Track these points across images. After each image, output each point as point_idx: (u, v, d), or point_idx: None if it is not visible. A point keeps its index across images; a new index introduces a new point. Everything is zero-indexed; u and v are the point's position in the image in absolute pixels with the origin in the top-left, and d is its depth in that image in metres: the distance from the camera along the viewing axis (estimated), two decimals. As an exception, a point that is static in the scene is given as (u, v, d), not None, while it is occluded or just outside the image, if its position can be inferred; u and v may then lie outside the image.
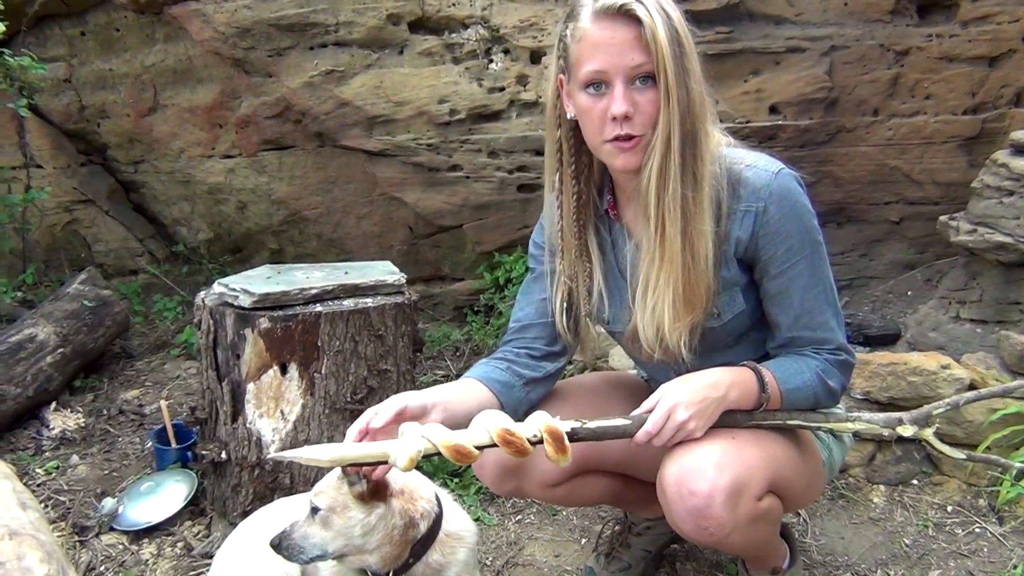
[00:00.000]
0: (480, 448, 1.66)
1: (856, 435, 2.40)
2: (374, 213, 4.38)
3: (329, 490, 1.82)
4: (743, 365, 1.83)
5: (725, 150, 1.79)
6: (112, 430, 3.52)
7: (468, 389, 1.92)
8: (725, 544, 1.80)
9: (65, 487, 3.09)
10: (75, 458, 3.29)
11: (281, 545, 1.86)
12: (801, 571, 2.21)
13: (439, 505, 1.99)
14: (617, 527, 2.42)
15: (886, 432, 1.88)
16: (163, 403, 3.13)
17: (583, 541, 2.64)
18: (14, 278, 4.42)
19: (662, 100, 1.64)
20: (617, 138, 1.70)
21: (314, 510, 1.82)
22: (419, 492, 1.94)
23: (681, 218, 1.70)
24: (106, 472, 3.22)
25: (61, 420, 3.52)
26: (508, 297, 4.17)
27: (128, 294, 4.62)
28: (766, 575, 2.11)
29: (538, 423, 1.69)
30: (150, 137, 4.55)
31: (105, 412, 3.64)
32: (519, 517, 2.79)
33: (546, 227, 2.02)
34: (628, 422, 1.76)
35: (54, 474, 3.18)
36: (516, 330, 2.06)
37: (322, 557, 1.86)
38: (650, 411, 1.74)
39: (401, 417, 1.70)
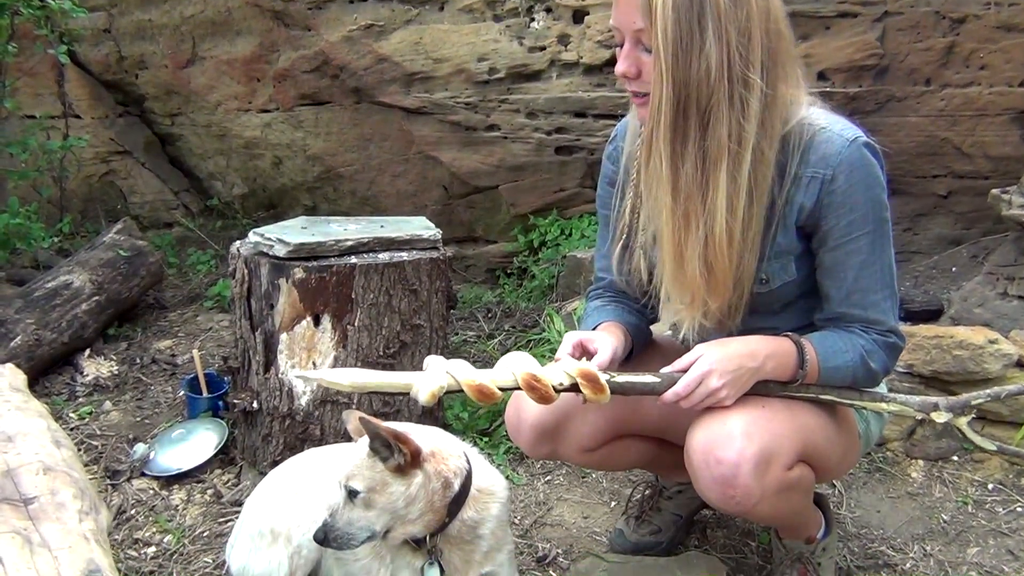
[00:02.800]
0: (504, 390, 1.63)
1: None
2: (409, 172, 4.35)
3: (363, 471, 1.76)
4: (785, 336, 1.77)
5: (803, 110, 1.72)
6: (144, 378, 3.54)
7: (616, 330, 1.90)
8: (752, 514, 1.75)
9: (98, 432, 3.11)
10: (108, 404, 3.31)
11: (328, 538, 1.79)
12: (836, 542, 2.17)
13: (468, 462, 1.96)
14: (648, 491, 2.39)
15: (919, 416, 1.83)
16: (196, 352, 3.14)
17: (612, 504, 2.61)
18: (51, 227, 4.45)
19: (654, 71, 1.58)
20: (633, 92, 1.69)
21: (352, 493, 1.76)
22: (448, 451, 1.91)
23: (670, 193, 1.65)
24: (138, 419, 3.24)
25: (95, 367, 3.55)
26: (542, 260, 4.14)
27: (162, 246, 4.64)
28: (800, 544, 2.06)
29: (569, 367, 1.65)
30: (187, 89, 4.54)
31: (138, 361, 3.66)
32: (548, 478, 2.77)
33: (627, 142, 1.93)
34: (658, 380, 1.72)
35: (87, 419, 3.21)
36: (604, 285, 2.05)
37: (372, 538, 1.80)
38: (683, 371, 1.70)
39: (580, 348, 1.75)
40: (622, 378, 1.70)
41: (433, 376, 1.58)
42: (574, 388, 1.68)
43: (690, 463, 1.74)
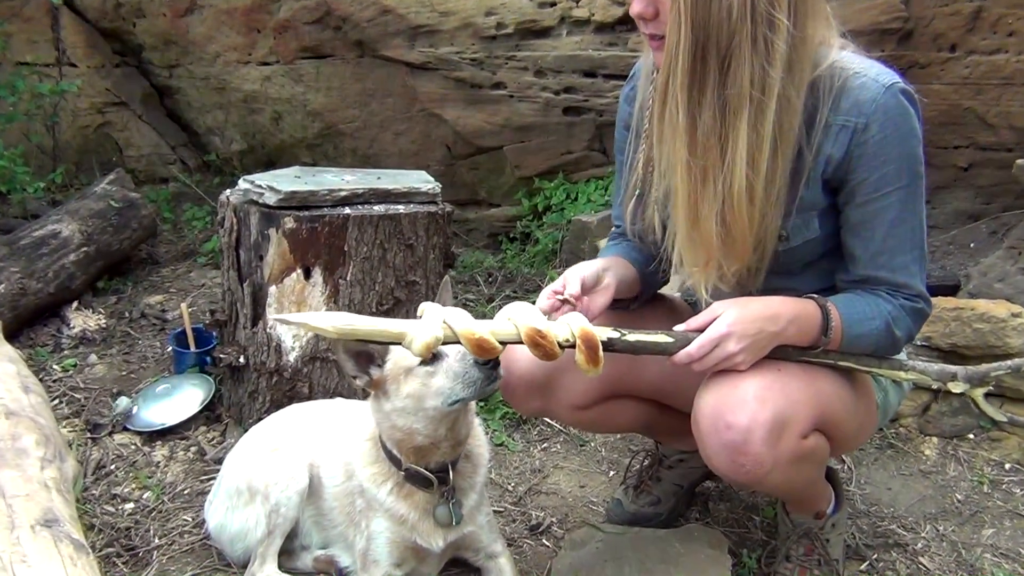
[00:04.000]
0: (504, 343, 1.51)
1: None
2: (412, 130, 4.22)
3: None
4: (809, 298, 1.64)
5: (834, 53, 1.58)
6: (133, 333, 3.44)
7: (622, 262, 1.85)
8: (763, 484, 1.65)
9: (81, 385, 3.01)
10: (93, 357, 3.21)
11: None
12: (846, 519, 2.06)
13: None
14: (647, 460, 2.28)
15: (935, 385, 1.73)
16: (184, 306, 3.03)
17: (611, 473, 2.51)
18: (44, 177, 4.33)
19: (671, 11, 1.47)
20: (649, 35, 1.57)
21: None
22: None
23: (686, 145, 1.53)
24: (123, 373, 3.14)
25: (82, 320, 3.45)
26: (546, 225, 4.02)
27: (157, 201, 4.51)
28: (808, 519, 1.95)
29: (573, 325, 1.53)
30: (186, 39, 4.40)
31: (127, 315, 3.56)
32: (545, 444, 2.66)
33: (642, 86, 1.81)
34: (670, 340, 1.60)
35: (71, 371, 3.11)
36: (621, 232, 1.95)
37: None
38: (699, 330, 1.58)
39: (583, 287, 1.67)
40: (633, 336, 1.58)
41: (428, 326, 1.47)
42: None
43: (697, 427, 1.62)
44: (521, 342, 1.51)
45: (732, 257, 1.61)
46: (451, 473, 1.82)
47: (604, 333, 1.56)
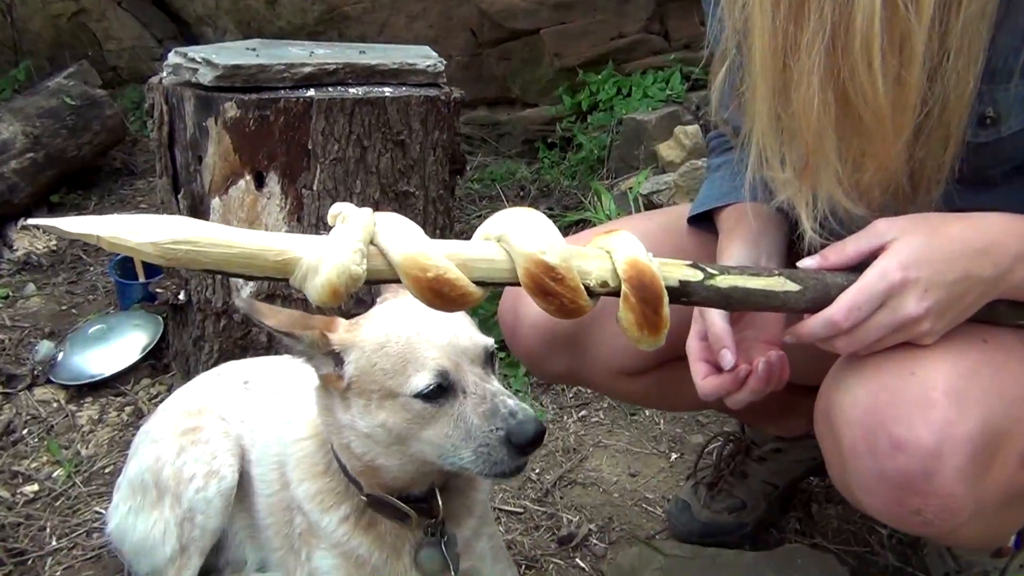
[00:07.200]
0: (485, 285, 0.85)
1: None
2: (429, 12, 3.70)
3: None
4: None
5: None
6: (85, 258, 2.90)
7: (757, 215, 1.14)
8: (948, 537, 1.14)
9: (7, 322, 2.45)
10: (31, 287, 2.69)
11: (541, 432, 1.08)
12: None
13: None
14: (729, 445, 1.62)
15: None
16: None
17: (672, 456, 1.85)
18: (4, 74, 3.76)
19: None
20: None
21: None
22: None
23: None
24: (64, 307, 2.59)
25: (28, 241, 2.94)
26: (591, 127, 3.45)
27: (139, 102, 3.96)
28: (984, 557, 1.29)
29: (617, 253, 0.87)
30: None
31: (82, 235, 2.97)
32: (583, 412, 2.02)
33: None
34: (796, 287, 0.92)
35: (0, 305, 2.54)
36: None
37: None
38: (846, 269, 0.92)
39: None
40: (727, 278, 0.91)
41: (339, 246, 0.80)
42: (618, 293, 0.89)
43: (834, 438, 0.99)
44: (516, 283, 0.84)
45: (865, 154, 0.92)
46: (439, 500, 1.18)
47: (674, 271, 0.89)
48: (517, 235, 0.84)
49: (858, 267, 0.92)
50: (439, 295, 0.82)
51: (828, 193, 0.95)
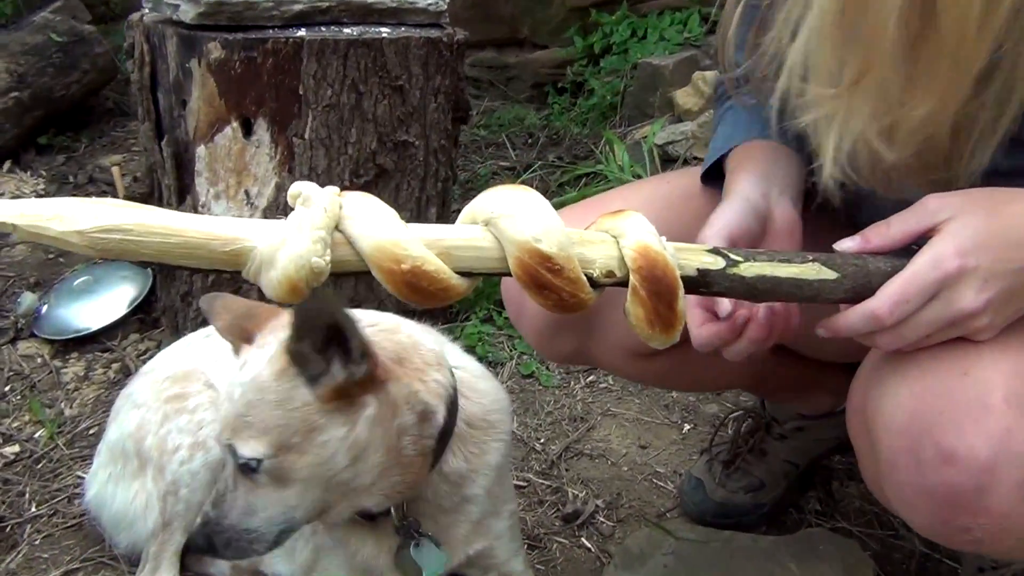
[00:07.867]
0: (470, 275, 0.73)
1: None
2: None
3: (264, 410, 0.92)
4: None
5: None
6: (74, 203, 2.73)
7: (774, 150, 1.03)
8: (1002, 555, 1.06)
9: (-8, 272, 2.34)
10: (15, 235, 2.51)
11: (214, 544, 0.99)
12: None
13: (450, 372, 1.09)
14: (748, 421, 1.52)
15: None
16: (113, 166, 2.27)
17: (686, 427, 1.75)
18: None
19: None
20: None
21: (247, 466, 0.94)
22: (422, 352, 1.05)
23: None
24: (51, 257, 2.47)
25: (15, 184, 2.83)
26: (604, 71, 3.29)
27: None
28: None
29: (625, 238, 0.76)
30: None
31: (71, 179, 2.89)
32: (591, 378, 1.91)
33: None
34: (831, 275, 0.81)
35: (-17, 254, 2.43)
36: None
37: (290, 530, 1.01)
38: (889, 251, 0.81)
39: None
40: (752, 266, 0.79)
41: (299, 231, 0.69)
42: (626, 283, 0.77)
43: (873, 443, 0.87)
44: (507, 273, 0.73)
45: (926, 86, 0.78)
46: (392, 513, 1.08)
47: (692, 259, 0.78)
48: (508, 219, 0.72)
49: (900, 247, 0.80)
50: (416, 290, 0.70)
51: (860, 130, 0.82)
